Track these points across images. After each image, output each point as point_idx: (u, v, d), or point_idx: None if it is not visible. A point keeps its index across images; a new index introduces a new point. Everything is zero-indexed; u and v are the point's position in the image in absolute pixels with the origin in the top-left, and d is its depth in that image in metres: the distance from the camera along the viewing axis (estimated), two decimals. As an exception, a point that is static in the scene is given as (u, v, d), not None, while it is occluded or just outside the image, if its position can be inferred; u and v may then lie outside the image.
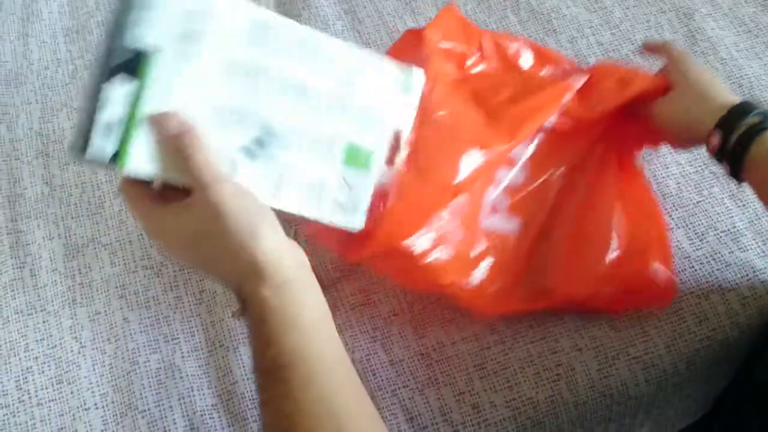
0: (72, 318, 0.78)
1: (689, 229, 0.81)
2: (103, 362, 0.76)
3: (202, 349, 0.77)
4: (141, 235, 0.83)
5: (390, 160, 0.62)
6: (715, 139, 0.67)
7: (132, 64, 0.50)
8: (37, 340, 0.77)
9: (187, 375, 0.75)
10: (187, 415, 0.73)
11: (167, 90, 0.51)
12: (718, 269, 0.79)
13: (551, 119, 0.75)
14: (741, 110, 0.67)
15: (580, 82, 0.75)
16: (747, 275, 0.78)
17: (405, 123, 0.63)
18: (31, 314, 0.78)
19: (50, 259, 0.81)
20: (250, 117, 0.55)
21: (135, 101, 0.50)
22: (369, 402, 0.54)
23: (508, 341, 0.76)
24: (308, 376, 0.50)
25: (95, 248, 0.82)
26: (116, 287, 0.80)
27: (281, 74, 0.56)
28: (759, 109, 0.67)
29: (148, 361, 0.76)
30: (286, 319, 0.52)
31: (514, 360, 0.74)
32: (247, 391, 0.74)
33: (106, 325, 0.78)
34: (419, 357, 0.76)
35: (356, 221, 0.61)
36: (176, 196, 0.53)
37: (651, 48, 0.79)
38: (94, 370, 0.75)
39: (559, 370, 0.74)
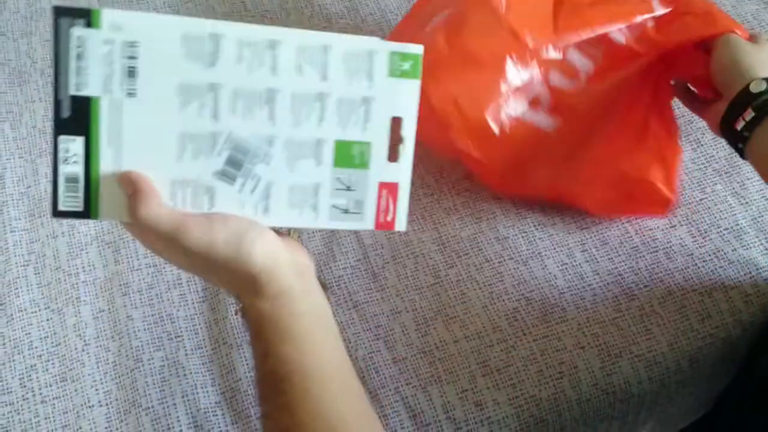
0: (76, 316, 0.78)
1: (692, 226, 0.82)
2: (107, 360, 0.76)
3: (205, 347, 0.77)
4: (144, 233, 0.83)
5: (393, 155, 0.55)
6: (761, 85, 0.67)
7: (81, 115, 0.49)
8: (41, 338, 0.77)
9: (191, 372, 0.75)
10: (191, 413, 0.73)
11: (119, 134, 0.50)
12: (721, 267, 0.79)
13: (623, 38, 0.78)
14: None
15: (661, 10, 0.78)
16: (750, 273, 0.79)
17: (405, 110, 0.55)
18: (35, 312, 0.78)
19: (54, 257, 0.81)
20: (215, 140, 0.52)
21: (91, 151, 0.50)
22: (368, 410, 0.54)
23: (510, 339, 0.76)
24: (306, 387, 0.50)
25: (99, 246, 0.82)
26: (120, 285, 0.80)
27: (239, 85, 0.51)
28: None
29: (152, 358, 0.76)
30: (282, 330, 0.52)
31: (517, 358, 0.75)
32: (251, 389, 0.74)
33: (110, 323, 0.78)
34: (422, 354, 0.76)
35: (364, 222, 0.56)
36: None
37: None
38: (98, 367, 0.75)
39: (562, 368, 0.74)
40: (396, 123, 0.55)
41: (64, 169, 0.50)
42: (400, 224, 0.57)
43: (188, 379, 0.75)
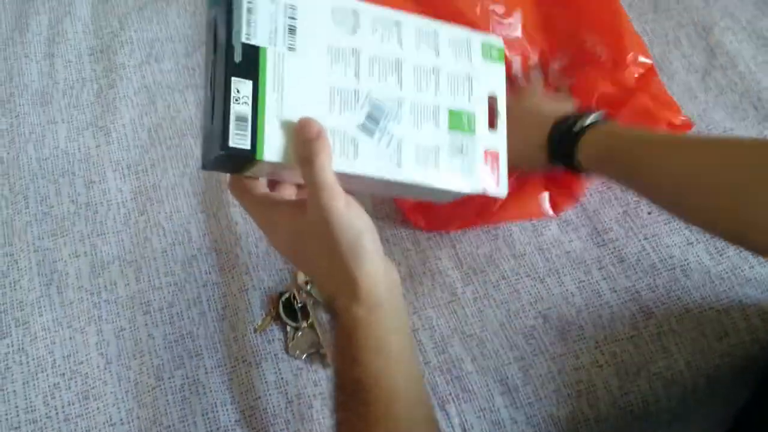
0: (98, 334, 0.79)
1: (709, 244, 0.81)
2: (129, 378, 0.77)
3: (225, 365, 0.78)
4: (165, 251, 0.84)
5: (491, 123, 0.64)
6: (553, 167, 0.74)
7: (250, 61, 0.54)
8: (63, 357, 0.78)
9: (211, 390, 0.76)
10: (211, 431, 0.74)
11: (281, 82, 0.55)
12: (738, 284, 0.79)
13: None
14: (557, 135, 0.73)
15: None
16: (767, 290, 0.78)
17: (497, 88, 0.66)
18: (58, 331, 0.79)
19: (76, 277, 0.83)
20: (358, 96, 0.58)
21: (258, 94, 0.53)
22: None
23: (528, 357, 0.76)
24: (389, 402, 0.51)
25: (120, 265, 0.83)
26: (141, 304, 0.81)
27: (374, 52, 0.59)
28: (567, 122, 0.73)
29: (173, 377, 0.77)
30: (375, 342, 0.52)
31: (535, 376, 0.75)
32: (270, 407, 0.75)
33: (132, 342, 0.79)
34: (439, 372, 0.76)
35: (474, 185, 0.63)
36: (285, 189, 0.58)
37: None
38: (119, 386, 0.76)
39: (580, 387, 0.74)
40: (492, 99, 0.65)
41: (235, 108, 0.53)
42: (503, 190, 0.64)
43: (208, 397, 0.76)
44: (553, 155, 0.74)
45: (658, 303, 0.78)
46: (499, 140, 0.65)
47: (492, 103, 0.65)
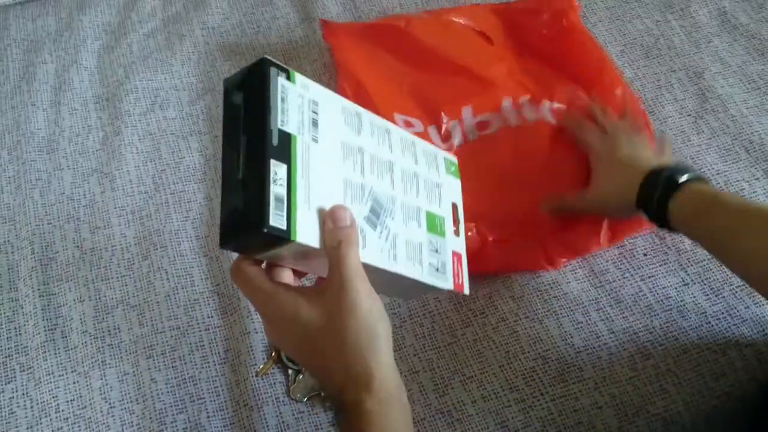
0: (101, 379, 0.80)
1: (705, 284, 0.83)
2: (132, 422, 0.77)
3: (227, 409, 0.78)
4: (168, 296, 0.85)
5: (456, 230, 0.69)
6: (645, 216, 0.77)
7: (284, 146, 0.55)
8: (67, 401, 0.78)
9: (213, 435, 0.77)
10: (213, 475, 0.74)
11: (308, 169, 0.56)
12: (734, 324, 0.80)
13: None
14: (651, 181, 0.75)
15: None
16: (763, 330, 0.79)
17: (456, 199, 0.71)
18: (62, 375, 0.80)
19: (81, 321, 0.83)
20: (364, 190, 0.61)
21: (291, 178, 0.55)
22: None
23: (528, 399, 0.77)
24: None
25: (124, 310, 0.84)
26: (144, 348, 0.82)
27: (374, 152, 0.63)
28: (665, 171, 0.75)
29: (175, 421, 0.77)
30: None
31: (535, 418, 0.75)
32: (272, 450, 0.75)
33: (135, 386, 0.80)
34: (440, 415, 0.77)
35: (447, 282, 0.67)
36: (284, 274, 0.58)
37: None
38: (122, 430, 0.77)
39: (580, 429, 0.74)
40: (454, 207, 0.70)
41: (274, 189, 0.53)
42: (467, 288, 0.69)
43: (211, 441, 0.76)
44: (643, 206, 0.76)
45: (656, 344, 0.79)
46: (461, 244, 0.70)
47: (454, 210, 0.70)
